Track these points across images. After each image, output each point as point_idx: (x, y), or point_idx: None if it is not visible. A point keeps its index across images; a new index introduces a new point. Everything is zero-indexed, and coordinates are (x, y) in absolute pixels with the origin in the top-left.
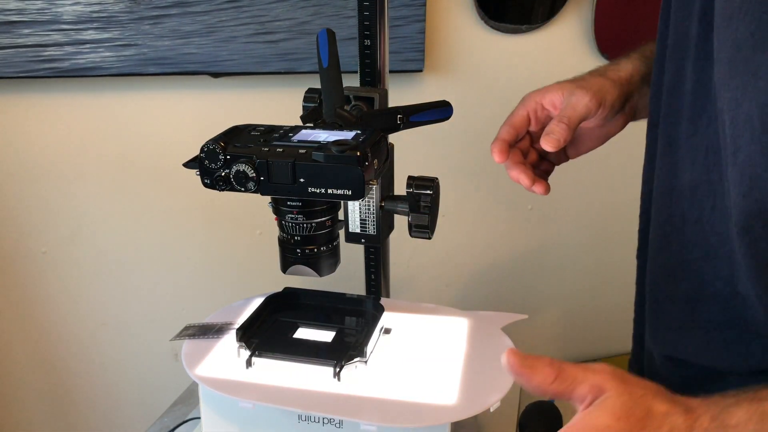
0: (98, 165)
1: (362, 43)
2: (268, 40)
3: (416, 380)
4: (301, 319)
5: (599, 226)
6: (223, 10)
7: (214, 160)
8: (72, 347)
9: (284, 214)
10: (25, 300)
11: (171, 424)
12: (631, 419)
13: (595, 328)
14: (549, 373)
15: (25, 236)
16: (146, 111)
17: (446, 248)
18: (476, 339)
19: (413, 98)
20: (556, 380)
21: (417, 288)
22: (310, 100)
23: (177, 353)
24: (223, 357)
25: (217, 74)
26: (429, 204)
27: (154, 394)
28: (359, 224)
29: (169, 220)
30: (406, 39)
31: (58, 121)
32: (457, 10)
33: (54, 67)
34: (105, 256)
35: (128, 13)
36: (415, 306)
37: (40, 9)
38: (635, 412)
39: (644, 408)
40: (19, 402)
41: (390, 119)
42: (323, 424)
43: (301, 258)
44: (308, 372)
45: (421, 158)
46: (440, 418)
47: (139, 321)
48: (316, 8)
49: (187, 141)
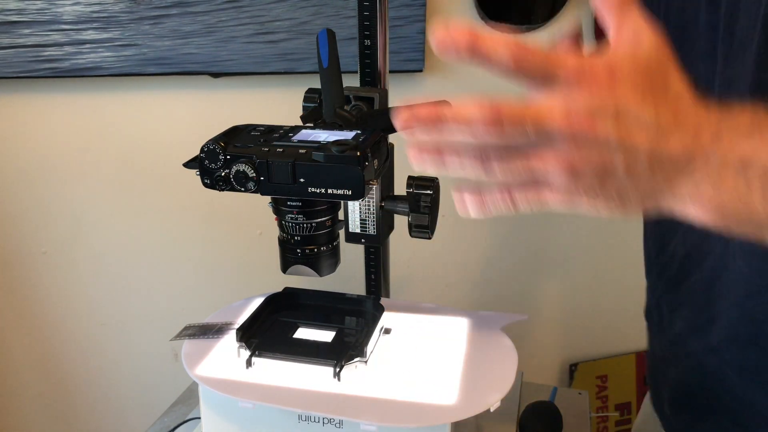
0: (98, 165)
1: (362, 43)
2: (268, 40)
3: (416, 380)
4: (301, 319)
5: (599, 226)
6: (223, 10)
7: (214, 160)
8: (72, 347)
9: (284, 214)
10: (25, 300)
11: (171, 424)
12: (646, 77)
13: (595, 328)
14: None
15: (25, 236)
16: (146, 111)
17: (446, 248)
18: (476, 339)
19: (413, 98)
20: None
21: (417, 288)
22: (310, 100)
23: (177, 353)
24: (223, 357)
25: (217, 74)
26: (429, 204)
27: (154, 394)
28: (359, 224)
29: (169, 220)
30: (406, 39)
31: (58, 121)
32: (457, 10)
33: (54, 67)
34: (105, 257)
35: (128, 13)
36: (415, 306)
37: (40, 9)
38: (654, 76)
39: (665, 79)
40: (18, 402)
41: (390, 119)
42: (323, 424)
43: (301, 258)
44: (308, 372)
45: None
46: (440, 418)
47: (138, 321)
48: (316, 8)
49: (187, 141)
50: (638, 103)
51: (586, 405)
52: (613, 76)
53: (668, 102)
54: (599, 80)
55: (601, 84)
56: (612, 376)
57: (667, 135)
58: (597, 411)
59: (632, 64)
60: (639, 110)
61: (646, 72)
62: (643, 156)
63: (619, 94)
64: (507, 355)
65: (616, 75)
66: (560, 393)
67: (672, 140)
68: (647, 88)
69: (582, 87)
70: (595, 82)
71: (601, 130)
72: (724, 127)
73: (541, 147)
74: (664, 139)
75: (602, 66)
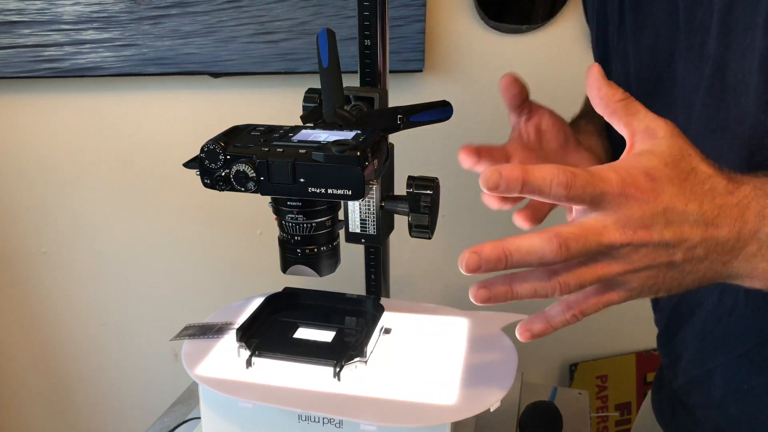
0: (98, 165)
1: (362, 43)
2: (268, 40)
3: (416, 380)
4: (301, 319)
5: None
6: (223, 10)
7: (214, 160)
8: (72, 347)
9: (284, 214)
10: (25, 300)
11: (171, 424)
12: (677, 169)
13: (595, 328)
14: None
15: (25, 236)
16: (146, 111)
17: (446, 248)
18: (476, 339)
19: (413, 98)
20: (624, 98)
21: (417, 288)
22: (310, 100)
23: (177, 353)
24: (223, 357)
25: (217, 74)
26: (429, 204)
27: (154, 394)
28: (359, 224)
29: (169, 220)
30: (406, 39)
31: (58, 121)
32: (457, 10)
33: (54, 67)
34: (105, 256)
35: (128, 13)
36: (415, 306)
37: (40, 9)
38: (682, 165)
39: (691, 163)
40: (18, 402)
41: (390, 119)
42: (323, 424)
43: (301, 258)
44: (308, 372)
45: (421, 158)
46: (440, 418)
47: (138, 321)
48: (316, 8)
49: (187, 141)
50: (682, 202)
51: (586, 405)
52: (653, 181)
53: (705, 191)
54: (642, 190)
55: (645, 192)
56: (612, 376)
57: (716, 224)
58: (597, 411)
59: (661, 161)
60: (684, 208)
61: (674, 164)
62: (699, 250)
63: (664, 198)
64: (507, 355)
65: (655, 178)
66: (560, 393)
67: (721, 229)
68: (683, 181)
69: (630, 200)
70: (639, 192)
71: (656, 236)
72: (763, 202)
73: (603, 259)
74: (714, 228)
75: (640, 174)
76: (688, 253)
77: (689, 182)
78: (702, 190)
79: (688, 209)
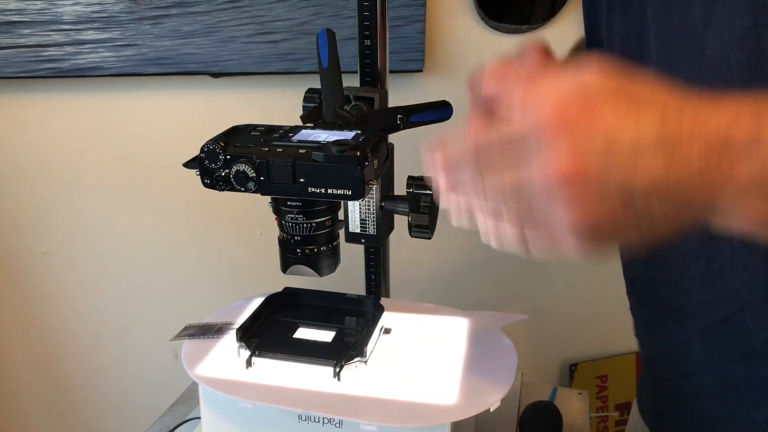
0: (98, 165)
1: (362, 43)
2: (268, 40)
3: (416, 380)
4: (301, 319)
5: None
6: (223, 10)
7: (214, 160)
8: (72, 347)
9: (284, 214)
10: (25, 300)
11: (171, 424)
12: (620, 76)
13: (595, 329)
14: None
15: (25, 236)
16: (146, 111)
17: (446, 248)
18: (476, 339)
19: (413, 98)
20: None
21: (417, 288)
22: (310, 100)
23: (177, 353)
24: (223, 357)
25: (217, 74)
26: (429, 204)
27: (154, 394)
28: (359, 224)
29: (169, 220)
30: (406, 39)
31: (58, 121)
32: (457, 11)
33: (54, 67)
34: (105, 256)
35: (128, 13)
36: (415, 306)
37: (40, 9)
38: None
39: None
40: (18, 402)
41: (390, 119)
42: (323, 424)
43: (301, 258)
44: (308, 372)
45: (421, 158)
46: (440, 418)
47: (138, 321)
48: (316, 8)
49: (187, 141)
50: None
51: (586, 405)
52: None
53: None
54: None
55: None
56: (612, 376)
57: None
58: (597, 411)
59: (597, 70)
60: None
61: (615, 73)
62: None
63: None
64: (507, 355)
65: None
66: (560, 393)
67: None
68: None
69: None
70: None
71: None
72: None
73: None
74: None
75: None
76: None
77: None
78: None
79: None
